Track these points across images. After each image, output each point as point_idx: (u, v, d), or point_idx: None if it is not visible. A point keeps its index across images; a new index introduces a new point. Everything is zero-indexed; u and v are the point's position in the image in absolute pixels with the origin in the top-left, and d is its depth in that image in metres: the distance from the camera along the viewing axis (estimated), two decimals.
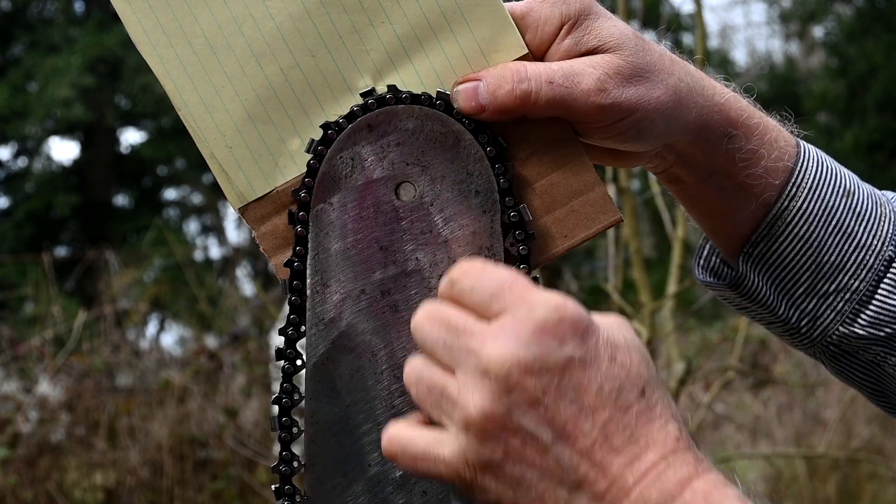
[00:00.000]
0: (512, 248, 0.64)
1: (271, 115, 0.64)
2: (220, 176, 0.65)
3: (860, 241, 0.68)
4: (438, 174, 0.63)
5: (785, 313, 0.69)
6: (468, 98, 0.62)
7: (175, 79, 0.64)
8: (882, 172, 9.49)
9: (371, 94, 0.64)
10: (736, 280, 0.69)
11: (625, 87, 0.63)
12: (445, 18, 0.64)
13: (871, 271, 0.68)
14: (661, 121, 0.64)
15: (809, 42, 12.09)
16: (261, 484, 3.62)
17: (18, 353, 4.36)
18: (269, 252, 0.65)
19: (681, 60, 0.66)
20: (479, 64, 0.64)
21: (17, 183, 10.70)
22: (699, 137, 0.66)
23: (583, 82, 0.62)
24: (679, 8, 10.05)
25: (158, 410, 4.00)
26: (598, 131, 0.64)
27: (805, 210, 0.67)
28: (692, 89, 0.65)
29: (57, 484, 3.74)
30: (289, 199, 0.65)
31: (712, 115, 0.66)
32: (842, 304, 0.68)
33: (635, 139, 0.65)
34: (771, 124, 0.68)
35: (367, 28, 0.64)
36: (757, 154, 0.67)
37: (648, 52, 0.64)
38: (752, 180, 0.67)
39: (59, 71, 9.44)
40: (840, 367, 0.71)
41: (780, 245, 0.68)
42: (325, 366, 0.63)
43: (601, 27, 0.63)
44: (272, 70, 0.64)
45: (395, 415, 0.63)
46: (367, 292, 0.63)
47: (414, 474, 0.54)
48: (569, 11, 0.63)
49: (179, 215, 12.10)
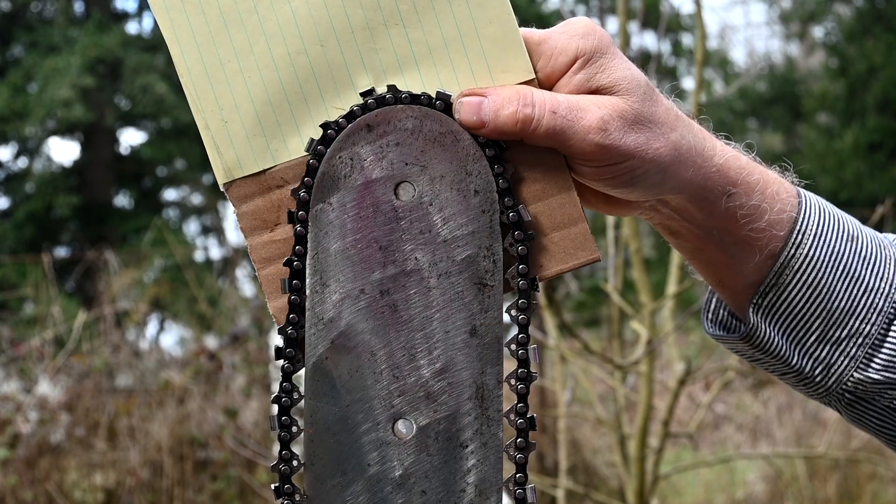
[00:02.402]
0: (511, 248, 0.64)
1: (271, 97, 0.64)
2: (211, 149, 0.65)
3: (868, 284, 0.68)
4: (437, 174, 0.64)
5: (798, 363, 0.69)
6: (470, 111, 0.63)
7: (182, 45, 0.64)
8: (882, 172, 9.49)
9: (371, 94, 0.64)
10: (748, 333, 0.69)
11: (626, 131, 0.62)
12: (459, 31, 0.64)
13: (881, 314, 0.68)
14: (656, 173, 0.64)
15: (809, 42, 12.10)
16: (261, 484, 3.62)
17: (18, 354, 4.36)
18: (245, 231, 0.65)
19: (685, 117, 0.66)
20: (484, 81, 0.64)
21: (18, 183, 10.70)
22: (696, 196, 0.66)
23: (585, 118, 0.62)
24: (679, 8, 10.05)
25: (158, 411, 4.00)
26: (591, 171, 0.64)
27: (812, 257, 0.67)
28: (692, 148, 0.65)
29: (57, 484, 3.74)
30: (275, 182, 0.65)
31: (710, 175, 0.66)
32: (855, 349, 0.68)
33: (628, 186, 0.64)
34: (771, 177, 0.68)
35: (381, 27, 0.64)
36: (759, 209, 0.67)
37: (656, 103, 0.64)
38: (756, 234, 0.67)
39: (59, 71, 9.44)
40: (856, 415, 0.71)
41: (790, 294, 0.68)
42: (325, 365, 0.63)
43: (615, 68, 0.63)
44: (280, 52, 0.64)
45: (393, 415, 0.63)
46: (366, 292, 0.63)
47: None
48: (585, 46, 0.63)
49: (179, 216, 12.10)
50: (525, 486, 0.63)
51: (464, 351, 0.63)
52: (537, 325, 2.72)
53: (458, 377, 0.63)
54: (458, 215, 0.63)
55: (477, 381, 0.63)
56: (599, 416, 2.68)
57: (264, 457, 3.52)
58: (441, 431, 0.63)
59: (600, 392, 3.78)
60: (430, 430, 0.63)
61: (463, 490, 0.63)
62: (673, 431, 2.41)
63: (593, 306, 7.12)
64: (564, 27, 0.64)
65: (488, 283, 0.63)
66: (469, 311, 0.63)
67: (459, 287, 0.63)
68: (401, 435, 0.63)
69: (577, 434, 4.35)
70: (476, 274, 0.63)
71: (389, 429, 0.63)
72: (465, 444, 0.63)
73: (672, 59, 10.71)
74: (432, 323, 0.63)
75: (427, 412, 0.63)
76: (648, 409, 2.20)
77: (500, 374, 0.63)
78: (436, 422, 0.63)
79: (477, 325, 0.63)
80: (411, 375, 0.63)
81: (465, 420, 0.63)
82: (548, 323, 2.53)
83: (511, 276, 0.64)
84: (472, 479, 0.63)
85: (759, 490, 4.52)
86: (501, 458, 0.63)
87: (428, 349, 0.63)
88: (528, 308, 0.64)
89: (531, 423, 0.64)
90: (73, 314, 4.74)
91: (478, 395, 0.63)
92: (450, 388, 0.63)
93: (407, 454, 0.63)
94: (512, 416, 0.64)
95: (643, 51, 5.24)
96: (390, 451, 0.63)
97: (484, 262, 0.63)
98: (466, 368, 0.63)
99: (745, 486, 4.62)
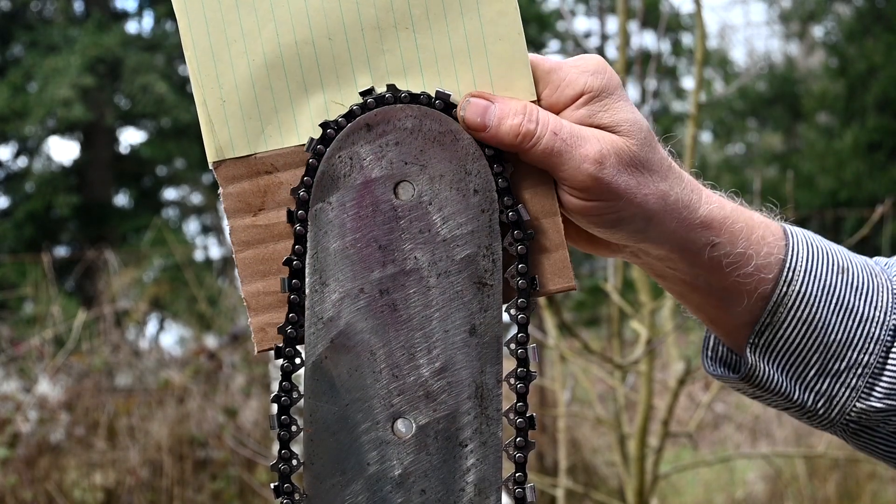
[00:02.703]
0: (510, 248, 0.64)
1: (273, 83, 0.64)
2: (205, 126, 0.65)
3: (862, 315, 0.68)
4: (437, 173, 0.64)
5: (800, 398, 0.69)
6: (476, 112, 0.63)
7: (191, 18, 0.64)
8: (881, 172, 9.49)
9: (370, 93, 0.64)
10: (748, 373, 0.69)
11: (620, 171, 0.63)
12: (468, 43, 0.64)
13: (878, 343, 0.68)
14: (641, 220, 0.64)
15: (809, 42, 12.10)
16: (260, 483, 3.62)
17: (18, 353, 4.36)
18: (228, 212, 0.65)
19: (677, 168, 0.66)
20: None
21: (17, 183, 10.70)
22: (678, 248, 0.66)
23: (584, 147, 0.62)
24: (679, 7, 10.05)
25: (158, 410, 4.00)
26: (578, 204, 0.64)
27: (804, 293, 0.67)
28: (679, 201, 0.65)
29: (56, 484, 3.75)
30: (264, 167, 0.65)
31: (693, 227, 0.66)
32: (855, 379, 0.68)
33: (611, 228, 0.65)
34: (756, 221, 0.68)
35: (391, 29, 0.64)
36: (745, 256, 0.67)
37: (653, 150, 0.65)
38: (744, 279, 0.67)
39: (59, 71, 9.44)
40: (863, 443, 0.71)
41: (786, 331, 0.68)
42: (324, 364, 0.63)
43: (618, 109, 0.64)
44: (287, 40, 0.64)
45: (393, 414, 0.63)
46: (365, 291, 0.63)
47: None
48: (593, 84, 0.64)
49: (179, 215, 12.10)
50: (524, 485, 0.63)
51: (463, 350, 0.63)
52: (537, 325, 2.72)
53: (457, 376, 0.63)
54: (458, 214, 0.63)
55: (476, 381, 0.63)
56: (599, 416, 2.68)
57: (264, 456, 3.52)
58: (440, 430, 0.63)
59: (600, 391, 3.79)
60: (429, 429, 0.63)
61: (462, 489, 0.63)
62: (672, 431, 2.41)
63: (593, 306, 7.12)
64: (577, 62, 0.65)
65: (487, 283, 0.63)
66: (468, 311, 0.63)
67: (459, 286, 0.63)
68: (400, 434, 0.63)
69: (576, 433, 4.35)
70: (475, 273, 0.63)
71: (389, 428, 0.63)
72: (464, 443, 0.63)
73: (672, 58, 10.72)
74: (431, 322, 0.63)
75: (426, 411, 0.63)
76: (648, 409, 2.20)
77: (499, 374, 0.63)
78: (435, 421, 0.63)
79: (476, 325, 0.63)
80: (411, 375, 0.63)
81: (464, 419, 0.63)
82: (547, 322, 2.53)
83: (510, 276, 0.64)
84: (471, 479, 0.63)
85: (758, 489, 4.52)
86: (501, 458, 0.63)
87: (427, 348, 0.63)
88: (528, 307, 0.64)
89: (530, 422, 0.64)
90: (72, 314, 4.74)
91: (477, 395, 0.63)
92: (449, 388, 0.63)
93: (406, 453, 0.63)
94: (511, 416, 0.64)
95: (643, 50, 5.24)
96: (390, 451, 0.63)
97: (483, 261, 0.63)
98: (466, 367, 0.63)
99: (744, 485, 4.63)
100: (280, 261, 0.65)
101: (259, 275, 0.65)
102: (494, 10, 0.64)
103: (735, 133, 11.77)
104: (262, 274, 0.65)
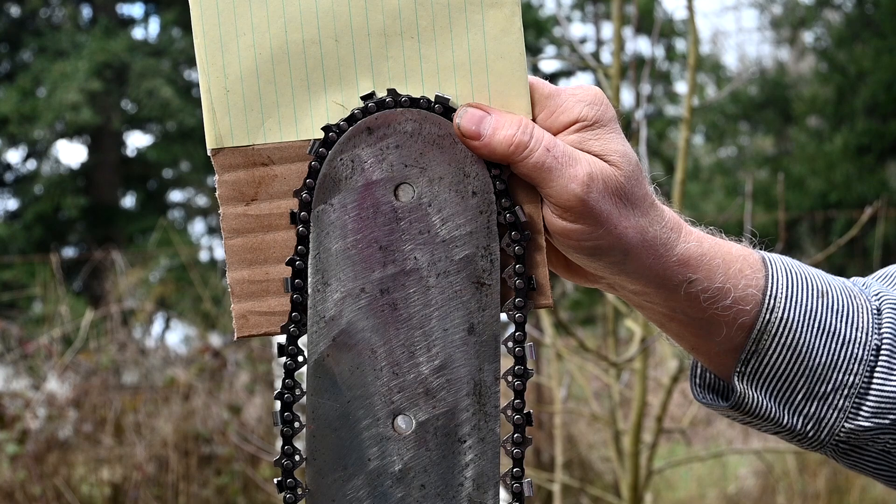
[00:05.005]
0: (508, 248, 0.65)
1: (277, 78, 0.65)
2: (208, 113, 0.66)
3: (845, 337, 0.69)
4: (436, 175, 0.65)
5: (789, 422, 0.70)
6: (471, 121, 0.64)
7: (204, 7, 0.65)
8: (871, 175, 9.45)
9: (371, 97, 0.65)
10: (737, 402, 0.70)
11: (605, 197, 0.64)
12: (470, 58, 0.65)
13: (862, 363, 0.69)
14: (619, 252, 0.65)
15: (800, 47, 12.04)
16: (264, 479, 3.63)
17: (27, 352, 4.38)
18: (222, 199, 0.66)
19: (660, 207, 0.67)
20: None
21: (26, 185, 10.73)
22: (654, 284, 0.67)
23: (574, 168, 0.63)
24: (672, 14, 10.05)
25: (164, 407, 4.02)
26: (560, 226, 0.64)
27: (787, 319, 0.68)
28: (657, 238, 0.66)
29: (65, 479, 3.77)
30: (260, 159, 0.66)
31: (670, 265, 0.66)
32: (842, 401, 0.69)
33: (589, 256, 0.65)
34: (735, 255, 0.69)
35: (396, 37, 0.65)
36: (723, 290, 0.67)
37: (639, 185, 0.65)
38: (722, 311, 0.67)
39: (67, 76, 9.47)
40: (853, 462, 0.72)
41: (771, 357, 0.68)
42: (326, 362, 0.64)
43: (610, 140, 0.65)
44: (295, 37, 0.65)
45: (393, 410, 0.64)
46: (366, 291, 0.64)
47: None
48: (588, 114, 0.65)
49: (184, 217, 12.12)
50: (522, 480, 0.64)
51: (462, 348, 0.64)
52: (534, 323, 2.72)
53: (456, 374, 0.64)
54: (457, 216, 0.64)
55: (475, 378, 0.64)
56: (594, 413, 2.68)
57: (267, 452, 3.53)
58: (440, 427, 0.64)
59: (595, 389, 3.79)
60: (429, 425, 0.64)
61: (461, 484, 0.64)
62: (666, 427, 2.41)
63: (589, 305, 7.12)
64: (575, 91, 0.66)
65: (486, 282, 0.64)
66: (467, 310, 0.64)
67: (458, 286, 0.64)
68: (400, 430, 0.64)
69: (572, 430, 4.35)
70: (474, 273, 0.64)
71: (389, 424, 0.64)
72: (463, 439, 0.64)
73: (666, 63, 10.71)
74: (431, 321, 0.64)
75: (426, 408, 0.64)
76: (642, 406, 2.21)
77: (497, 371, 0.64)
78: (434, 417, 0.64)
79: (475, 323, 0.64)
80: (411, 372, 0.64)
81: (463, 416, 0.64)
82: (544, 321, 2.53)
83: (508, 276, 0.65)
84: (470, 474, 0.64)
85: (750, 484, 4.52)
86: (499, 453, 0.64)
87: (427, 346, 0.64)
88: (525, 306, 0.65)
89: (528, 418, 0.65)
90: (80, 313, 4.76)
91: (476, 392, 0.64)
92: (448, 385, 0.64)
93: (406, 449, 0.64)
94: (509, 412, 0.65)
95: (638, 55, 5.24)
96: (390, 446, 0.64)
97: (482, 261, 0.64)
98: (464, 365, 0.64)
99: (736, 480, 4.62)
100: (268, 251, 0.65)
101: (245, 263, 0.65)
102: (498, 29, 0.65)
103: (727, 136, 11.71)
104: (248, 262, 0.65)
